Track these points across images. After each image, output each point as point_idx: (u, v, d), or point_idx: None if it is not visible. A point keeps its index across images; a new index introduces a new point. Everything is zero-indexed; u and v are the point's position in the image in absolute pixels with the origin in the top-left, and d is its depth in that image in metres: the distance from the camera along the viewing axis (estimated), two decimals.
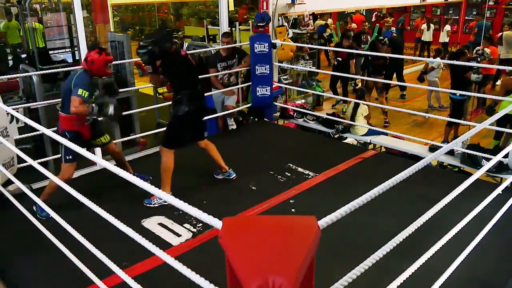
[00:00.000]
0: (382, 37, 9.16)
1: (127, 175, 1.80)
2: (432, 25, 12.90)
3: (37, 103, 4.66)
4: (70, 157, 3.48)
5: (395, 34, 9.75)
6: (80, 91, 3.33)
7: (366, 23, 10.30)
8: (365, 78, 8.49)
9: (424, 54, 13.22)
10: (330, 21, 12.05)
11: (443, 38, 12.68)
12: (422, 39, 13.07)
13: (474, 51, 7.91)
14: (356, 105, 5.67)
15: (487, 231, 2.75)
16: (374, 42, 8.98)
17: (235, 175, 4.19)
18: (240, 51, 5.84)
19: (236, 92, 5.73)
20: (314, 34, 9.14)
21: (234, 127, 5.62)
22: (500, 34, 10.11)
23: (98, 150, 4.56)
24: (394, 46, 9.24)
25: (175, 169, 3.78)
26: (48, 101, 4.36)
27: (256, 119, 6.12)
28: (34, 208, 3.40)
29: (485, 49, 8.04)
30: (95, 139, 3.82)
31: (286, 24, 6.73)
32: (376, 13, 12.89)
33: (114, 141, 5.00)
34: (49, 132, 2.44)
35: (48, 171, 2.66)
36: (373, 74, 8.13)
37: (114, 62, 5.53)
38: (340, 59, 7.95)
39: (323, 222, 1.38)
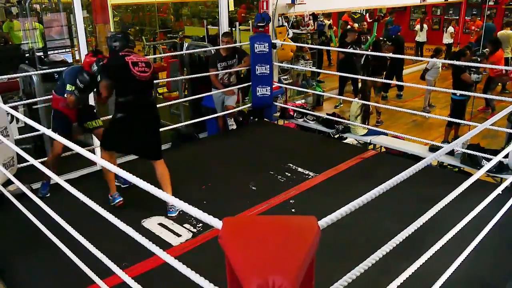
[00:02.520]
0: (382, 37, 9.19)
1: (128, 175, 1.80)
2: (425, 26, 12.94)
3: (37, 102, 4.67)
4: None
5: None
6: (68, 87, 3.68)
7: (365, 23, 10.31)
8: (365, 78, 8.51)
9: (418, 54, 13.26)
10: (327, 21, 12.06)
11: (447, 39, 12.69)
12: (416, 39, 13.11)
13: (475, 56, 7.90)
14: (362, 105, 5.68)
15: (487, 231, 2.75)
16: (378, 41, 8.98)
17: (175, 214, 3.57)
18: (240, 51, 5.83)
19: (236, 92, 5.73)
20: (314, 34, 9.15)
21: (234, 127, 5.62)
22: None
23: (98, 150, 4.57)
24: (397, 45, 9.24)
25: (175, 170, 3.77)
26: (46, 96, 4.35)
27: (256, 119, 6.12)
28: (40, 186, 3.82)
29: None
30: (85, 122, 4.00)
31: (286, 24, 6.73)
32: (369, 13, 12.96)
33: None
34: (49, 132, 2.44)
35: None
36: (373, 74, 8.14)
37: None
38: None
39: (323, 222, 1.38)
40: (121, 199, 3.69)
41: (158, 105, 5.99)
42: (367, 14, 13.07)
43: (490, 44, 8.02)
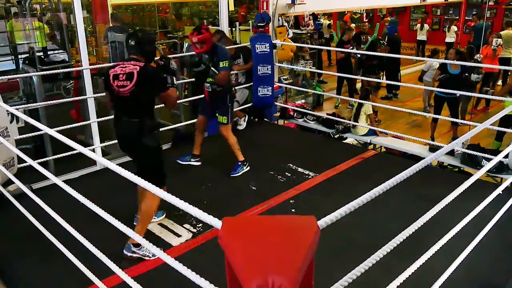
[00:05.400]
0: (380, 37, 9.20)
1: (129, 174, 1.80)
2: (426, 25, 12.96)
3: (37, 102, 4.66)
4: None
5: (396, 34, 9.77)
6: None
7: (366, 23, 10.32)
8: (362, 78, 8.54)
9: (419, 53, 13.30)
10: (327, 22, 12.09)
11: (450, 38, 12.70)
12: (417, 38, 13.15)
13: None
14: (360, 104, 5.69)
15: (487, 231, 2.75)
16: (374, 42, 9.00)
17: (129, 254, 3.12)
18: (246, 50, 5.79)
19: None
20: (314, 34, 9.16)
21: (242, 127, 5.58)
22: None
23: (98, 150, 4.57)
24: (393, 45, 9.25)
25: (175, 170, 3.77)
26: (52, 102, 4.36)
27: (256, 119, 6.12)
28: None
29: (478, 54, 8.06)
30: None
31: (286, 24, 6.73)
32: (366, 14, 13.04)
33: (113, 141, 5.04)
34: (51, 132, 2.43)
35: (49, 171, 2.66)
36: (366, 74, 8.19)
37: (113, 63, 5.58)
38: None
39: (323, 222, 1.38)
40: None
41: (158, 105, 6.05)
42: (365, 14, 13.11)
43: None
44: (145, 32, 4.03)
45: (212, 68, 3.99)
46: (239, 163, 4.37)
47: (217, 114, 4.31)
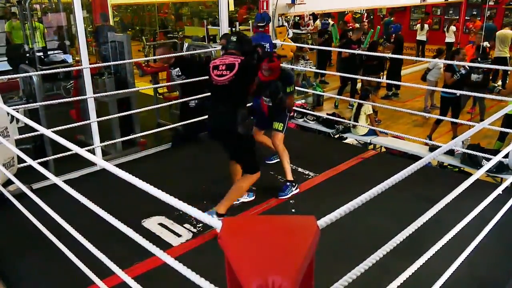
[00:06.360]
0: (382, 36, 9.20)
1: (127, 175, 1.80)
2: (426, 25, 12.98)
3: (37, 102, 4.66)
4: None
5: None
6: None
7: (366, 23, 10.34)
8: (362, 78, 8.55)
9: (419, 53, 13.31)
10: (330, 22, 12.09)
11: (450, 38, 12.72)
12: (417, 38, 13.17)
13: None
14: (360, 104, 5.69)
15: (487, 231, 2.75)
16: (375, 42, 9.00)
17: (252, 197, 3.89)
18: None
19: None
20: (314, 34, 9.16)
21: None
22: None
23: (98, 150, 4.57)
24: (398, 44, 9.25)
25: (175, 170, 3.77)
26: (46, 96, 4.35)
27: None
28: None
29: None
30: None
31: (286, 24, 6.74)
32: (366, 13, 13.07)
33: (113, 141, 5.05)
34: (48, 133, 2.43)
35: (49, 171, 2.66)
36: (366, 74, 8.21)
37: (114, 63, 5.60)
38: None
39: (323, 222, 1.38)
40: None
41: (158, 106, 6.06)
42: (365, 14, 13.12)
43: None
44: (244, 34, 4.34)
45: (282, 95, 3.90)
46: (288, 183, 3.95)
47: (274, 122, 4.12)
